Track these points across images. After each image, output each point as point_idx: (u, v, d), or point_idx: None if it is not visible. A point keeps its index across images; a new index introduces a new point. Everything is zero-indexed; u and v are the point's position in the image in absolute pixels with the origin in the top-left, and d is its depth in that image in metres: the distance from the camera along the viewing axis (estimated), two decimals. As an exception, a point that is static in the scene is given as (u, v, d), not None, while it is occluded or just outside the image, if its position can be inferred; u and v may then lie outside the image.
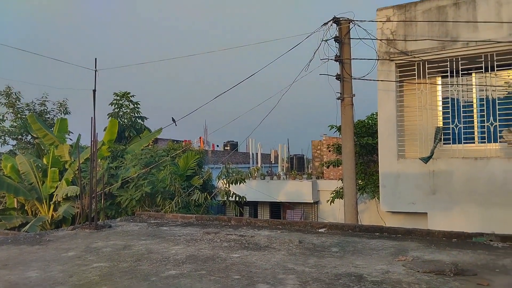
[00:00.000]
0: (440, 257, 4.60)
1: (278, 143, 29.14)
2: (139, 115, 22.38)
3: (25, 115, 21.06)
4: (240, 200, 14.42)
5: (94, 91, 7.72)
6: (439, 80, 9.87)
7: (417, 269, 4.04)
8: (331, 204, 14.75)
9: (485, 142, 9.06)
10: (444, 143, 9.48)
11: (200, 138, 28.85)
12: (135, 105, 22.30)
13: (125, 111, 22.12)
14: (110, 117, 20.80)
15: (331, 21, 9.10)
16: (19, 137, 22.01)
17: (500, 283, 3.66)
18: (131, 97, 22.17)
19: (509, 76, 9.19)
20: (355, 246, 5.29)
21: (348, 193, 9.23)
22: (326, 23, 9.09)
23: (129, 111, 22.13)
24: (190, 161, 16.20)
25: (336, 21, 9.11)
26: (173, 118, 11.87)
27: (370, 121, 13.70)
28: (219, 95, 10.51)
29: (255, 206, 20.81)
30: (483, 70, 8.86)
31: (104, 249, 5.26)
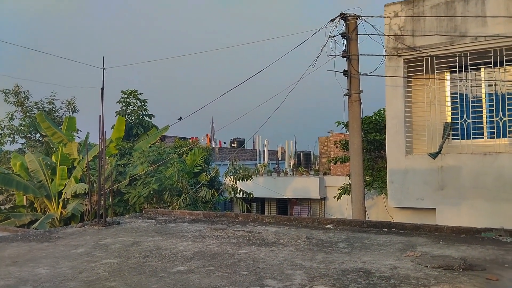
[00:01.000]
0: (448, 252, 4.57)
1: (285, 140, 29.11)
2: (146, 113, 22.48)
3: (33, 114, 21.23)
4: (247, 196, 14.43)
5: (102, 89, 7.76)
6: (448, 75, 9.79)
7: (426, 265, 4.03)
8: (338, 200, 14.73)
9: (494, 137, 8.98)
10: (452, 139, 9.42)
11: (207, 135, 28.90)
12: (143, 103, 22.39)
13: (132, 109, 22.23)
14: (117, 115, 20.90)
15: (338, 17, 9.06)
16: (28, 135, 22.20)
17: (509, 278, 3.63)
18: (138, 95, 22.26)
19: (518, 70, 9.10)
20: (363, 241, 5.28)
21: (355, 189, 9.21)
22: (333, 19, 9.05)
23: (136, 109, 22.23)
24: (197, 158, 16.25)
25: (343, 17, 9.06)
26: (180, 117, 11.94)
27: (377, 117, 13.64)
28: (226, 92, 10.53)
29: (262, 202, 20.84)
30: (492, 65, 8.77)
31: (112, 246, 5.29)
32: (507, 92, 8.97)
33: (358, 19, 9.10)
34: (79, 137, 20.06)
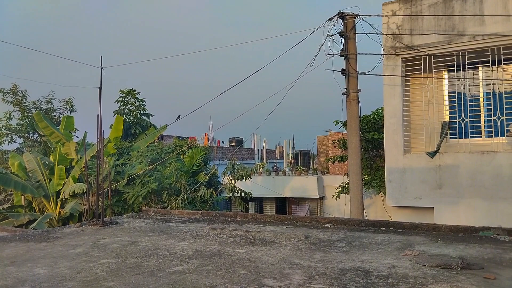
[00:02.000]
0: (446, 251, 4.58)
1: (283, 139, 29.08)
2: (144, 112, 22.44)
3: (31, 113, 21.16)
4: (245, 196, 14.43)
5: (100, 88, 7.74)
6: (446, 74, 9.80)
7: (424, 263, 4.04)
8: (336, 199, 14.76)
9: (491, 136, 9.00)
10: (450, 138, 9.43)
11: (205, 134, 28.89)
12: (141, 102, 22.36)
13: (130, 108, 22.19)
14: (116, 115, 20.87)
15: (337, 16, 9.06)
16: (26, 135, 22.14)
17: (507, 276, 3.64)
18: (136, 94, 22.22)
19: (516, 69, 9.12)
20: (361, 241, 5.28)
21: (354, 188, 9.22)
22: (331, 18, 9.05)
23: (134, 108, 22.20)
24: (195, 157, 16.23)
25: (341, 16, 9.07)
26: (179, 115, 11.94)
27: (375, 116, 13.66)
28: (224, 92, 10.52)
29: (260, 201, 20.83)
30: (490, 64, 8.79)
31: (111, 246, 5.29)
32: (505, 91, 8.98)
33: (356, 18, 9.10)
34: (77, 137, 20.04)
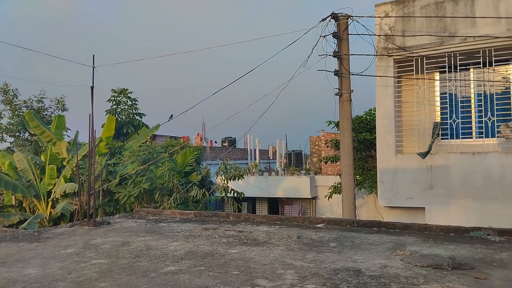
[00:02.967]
0: (437, 252, 4.62)
1: (276, 139, 29.20)
2: (137, 112, 22.35)
3: (22, 112, 20.98)
4: (238, 196, 14.41)
5: (92, 88, 7.70)
6: (437, 75, 9.87)
7: (415, 264, 4.06)
8: (329, 199, 14.80)
9: (482, 137, 9.08)
10: (442, 138, 9.50)
11: (198, 134, 28.84)
12: (133, 102, 22.26)
13: (123, 107, 22.08)
14: (108, 114, 20.76)
15: (330, 17, 9.09)
16: (17, 134, 21.95)
17: (497, 276, 3.68)
18: (129, 93, 22.12)
19: (506, 71, 9.21)
20: (353, 241, 5.31)
21: (346, 188, 9.25)
22: (324, 19, 9.08)
23: (127, 107, 22.09)
24: (188, 157, 16.19)
25: (334, 17, 9.10)
26: (172, 115, 11.91)
27: (368, 117, 13.72)
28: (217, 91, 10.54)
29: (253, 201, 20.85)
30: (481, 65, 8.87)
31: (103, 246, 5.26)
32: (496, 92, 9.07)
33: (349, 19, 9.14)
34: (68, 136, 19.88)
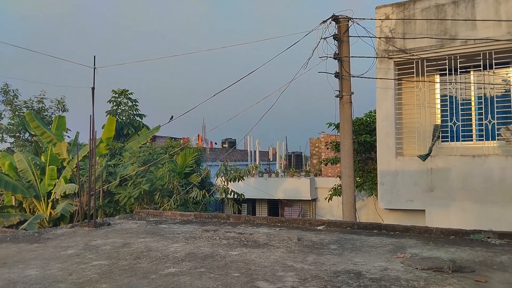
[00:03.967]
0: (438, 254, 4.62)
1: (276, 141, 29.17)
2: (137, 113, 22.35)
3: (23, 113, 20.98)
4: (238, 197, 14.42)
5: (93, 88, 7.71)
6: (438, 78, 9.89)
7: (416, 266, 4.06)
8: (329, 201, 14.78)
9: (483, 139, 9.09)
10: (442, 141, 9.51)
11: (198, 135, 28.84)
12: (134, 103, 22.27)
13: (123, 108, 22.08)
14: (108, 115, 20.76)
15: (330, 19, 9.09)
16: (17, 134, 21.94)
17: (498, 279, 3.68)
18: (129, 94, 22.13)
19: (507, 74, 9.23)
20: (353, 243, 5.31)
21: (346, 190, 9.25)
22: (325, 21, 9.08)
23: (127, 108, 22.10)
24: (188, 158, 16.19)
25: (335, 19, 9.10)
26: (172, 116, 11.92)
27: (368, 119, 13.71)
28: (218, 93, 10.51)
29: (253, 203, 20.83)
30: (482, 68, 8.89)
31: (103, 247, 5.26)
32: (496, 95, 9.08)
33: (349, 21, 9.14)
34: (68, 137, 19.87)
